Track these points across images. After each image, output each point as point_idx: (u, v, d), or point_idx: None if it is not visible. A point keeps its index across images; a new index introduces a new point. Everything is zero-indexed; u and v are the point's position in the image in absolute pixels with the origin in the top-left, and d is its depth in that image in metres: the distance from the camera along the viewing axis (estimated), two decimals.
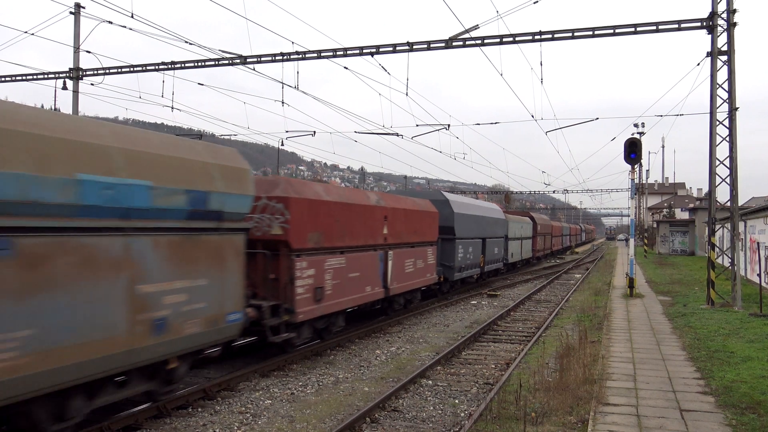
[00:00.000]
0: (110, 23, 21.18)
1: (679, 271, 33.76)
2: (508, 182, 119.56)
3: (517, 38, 18.04)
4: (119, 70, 22.98)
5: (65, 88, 23.67)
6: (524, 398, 8.70)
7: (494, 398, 8.97)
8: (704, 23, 16.88)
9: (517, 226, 35.30)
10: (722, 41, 16.87)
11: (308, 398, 9.58)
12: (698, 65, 17.89)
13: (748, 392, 8.45)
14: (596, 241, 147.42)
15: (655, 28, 17.22)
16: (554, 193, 72.23)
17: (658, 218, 67.13)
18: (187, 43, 19.13)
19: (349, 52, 19.48)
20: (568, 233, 71.79)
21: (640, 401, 8.19)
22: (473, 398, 9.67)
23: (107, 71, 23.22)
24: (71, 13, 23.26)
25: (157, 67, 22.17)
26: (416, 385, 10.39)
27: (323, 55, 19.81)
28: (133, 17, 17.76)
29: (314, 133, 30.39)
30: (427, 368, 11.22)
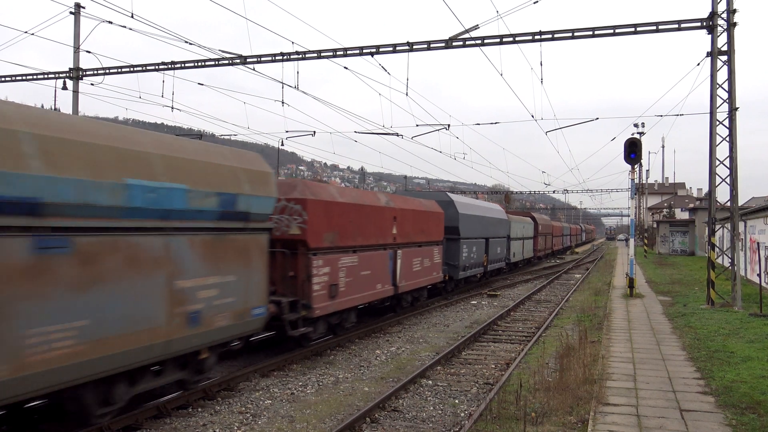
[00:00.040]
0: (110, 23, 21.21)
1: (679, 271, 33.76)
2: (508, 182, 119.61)
3: (517, 38, 18.04)
4: (119, 70, 22.99)
5: (65, 88, 23.68)
6: (524, 398, 8.70)
7: (494, 398, 8.98)
8: (704, 23, 16.88)
9: (519, 226, 35.58)
10: (722, 41, 16.88)
11: (308, 398, 9.59)
12: (698, 65, 17.92)
13: (748, 392, 8.46)
14: (596, 241, 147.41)
15: (655, 28, 17.22)
16: (554, 193, 72.22)
17: (658, 218, 67.14)
18: (187, 43, 19.15)
19: (349, 52, 19.49)
20: (568, 233, 71.90)
21: (640, 401, 8.20)
22: (473, 398, 9.67)
23: (107, 71, 23.23)
24: (71, 13, 23.27)
25: (157, 67, 22.18)
26: (416, 385, 10.39)
27: (323, 55, 19.82)
28: (133, 17, 17.77)
29: (314, 133, 30.40)
30: (427, 368, 11.22)
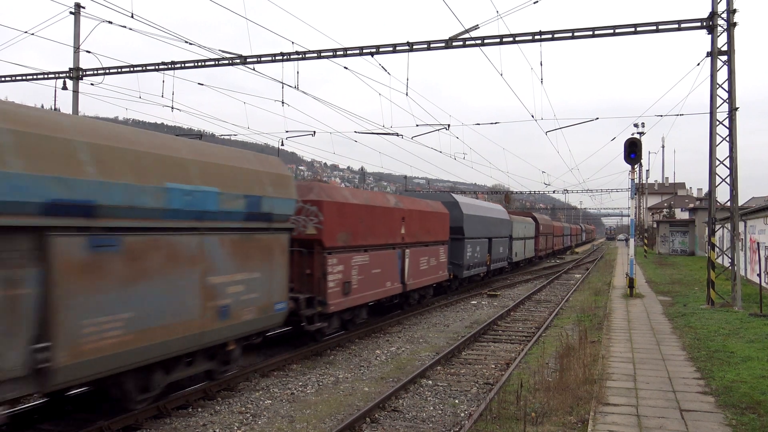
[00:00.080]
0: (110, 23, 21.21)
1: (679, 271, 33.76)
2: (508, 182, 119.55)
3: (517, 38, 18.04)
4: (119, 70, 22.99)
5: (65, 88, 23.69)
6: (524, 398, 8.70)
7: (494, 398, 8.98)
8: (704, 23, 16.88)
9: (520, 226, 36.06)
10: (722, 41, 16.88)
11: (308, 398, 9.59)
12: (698, 65, 17.91)
13: (748, 392, 8.46)
14: (596, 241, 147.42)
15: (655, 28, 17.22)
16: (554, 193, 72.18)
17: (658, 218, 67.14)
18: (187, 43, 19.15)
19: (349, 52, 19.49)
20: (569, 233, 72.09)
21: (640, 401, 8.20)
22: (473, 398, 9.67)
23: (107, 71, 23.23)
24: (71, 13, 23.27)
25: (157, 67, 22.18)
26: (416, 385, 10.39)
27: (323, 55, 19.82)
28: (133, 17, 17.77)
29: (314, 133, 30.36)
30: (427, 368, 11.22)
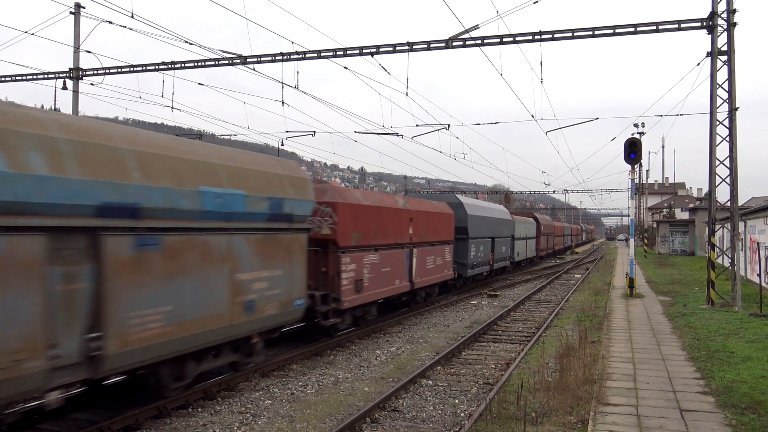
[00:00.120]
0: (110, 23, 21.20)
1: (679, 271, 33.75)
2: (508, 182, 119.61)
3: (517, 38, 18.04)
4: (119, 70, 22.98)
5: (65, 88, 23.68)
6: (524, 398, 8.69)
7: (494, 398, 8.97)
8: (704, 23, 16.87)
9: (522, 226, 36.61)
10: (722, 41, 16.87)
11: (308, 398, 9.59)
12: (698, 65, 17.90)
13: (748, 392, 8.45)
14: (596, 241, 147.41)
15: (655, 28, 17.21)
16: (554, 193, 72.06)
17: (658, 218, 67.12)
18: (187, 43, 19.15)
19: (349, 52, 19.48)
20: (569, 233, 72.23)
21: (640, 401, 8.19)
22: (473, 398, 9.67)
23: (107, 71, 23.22)
24: (71, 13, 23.27)
25: (157, 67, 22.17)
26: (416, 385, 10.39)
27: (323, 55, 19.81)
28: (133, 17, 17.76)
29: (314, 133, 30.34)
30: (427, 368, 11.22)
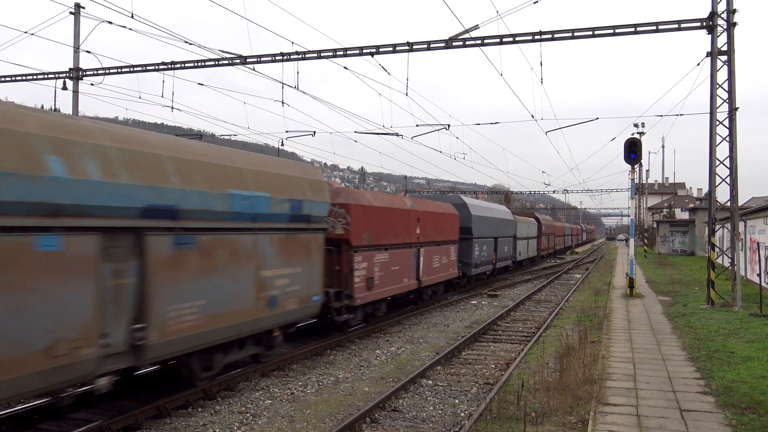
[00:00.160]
0: (110, 23, 21.19)
1: (679, 271, 33.75)
2: (508, 182, 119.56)
3: (517, 38, 18.04)
4: (119, 70, 22.99)
5: (65, 88, 23.68)
6: (524, 398, 8.69)
7: (494, 398, 8.97)
8: (704, 23, 16.87)
9: (524, 226, 37.31)
10: (722, 41, 16.88)
11: (308, 398, 9.59)
12: (698, 65, 17.91)
13: (748, 392, 8.45)
14: (596, 241, 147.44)
15: (655, 28, 17.22)
16: (554, 193, 72.10)
17: (658, 218, 67.12)
18: (187, 43, 19.15)
19: (349, 52, 19.48)
20: (569, 233, 72.43)
21: (640, 401, 8.19)
22: (473, 398, 9.67)
23: (107, 71, 23.22)
24: (71, 13, 23.27)
25: (157, 67, 22.17)
26: (416, 385, 10.39)
27: (323, 55, 19.82)
28: (133, 17, 17.76)
29: (314, 133, 30.36)
30: (427, 368, 11.22)
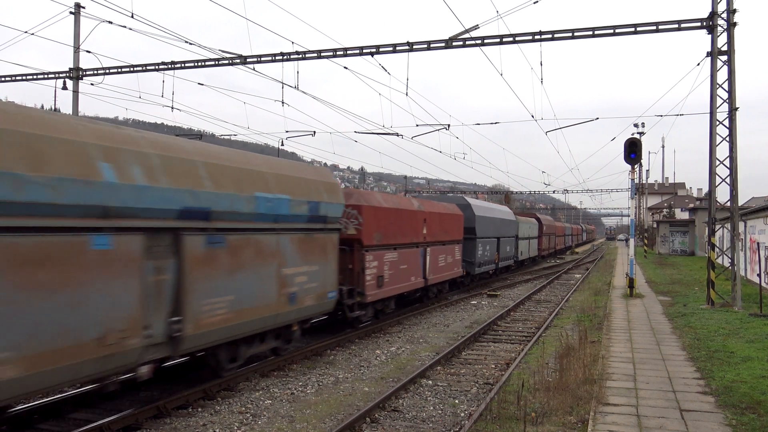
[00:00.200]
0: (110, 23, 21.19)
1: (679, 271, 33.74)
2: (508, 182, 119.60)
3: (517, 38, 18.03)
4: (119, 70, 22.98)
5: (65, 88, 23.67)
6: (524, 398, 8.68)
7: (494, 398, 8.97)
8: (704, 23, 16.87)
9: (525, 226, 37.87)
10: (722, 41, 16.88)
11: (308, 398, 9.59)
12: (698, 65, 17.90)
13: (748, 392, 8.45)
14: (596, 241, 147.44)
15: (655, 28, 17.21)
16: (554, 193, 72.09)
17: (658, 218, 67.11)
18: (187, 43, 19.14)
19: (349, 52, 19.48)
20: (570, 233, 72.58)
21: (640, 401, 8.19)
22: (473, 398, 9.67)
23: (107, 71, 23.22)
24: (71, 13, 23.26)
25: (157, 67, 22.17)
26: (416, 385, 10.39)
27: (323, 55, 19.81)
28: (133, 17, 17.76)
29: (314, 133, 30.36)
30: (427, 368, 11.22)
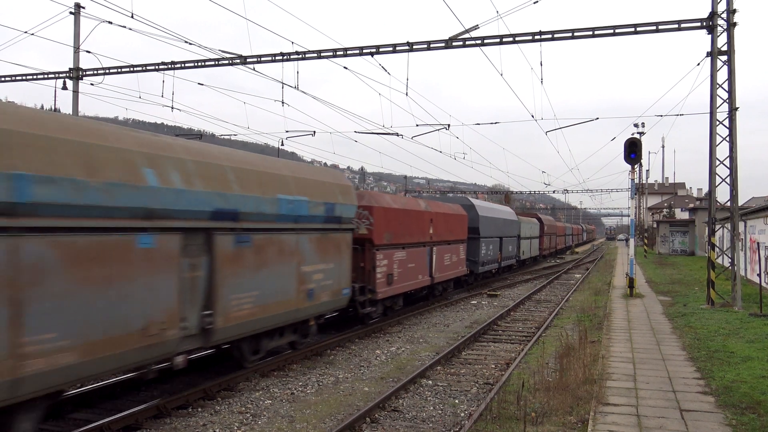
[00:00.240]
0: (110, 23, 21.19)
1: (679, 271, 33.74)
2: (508, 182, 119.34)
3: (517, 38, 18.03)
4: (119, 70, 22.98)
5: (65, 88, 23.67)
6: (524, 398, 8.68)
7: (494, 398, 8.97)
8: (704, 23, 16.87)
9: (527, 226, 38.29)
10: (722, 41, 16.87)
11: (308, 398, 9.59)
12: (698, 65, 17.90)
13: (748, 392, 8.45)
14: (596, 241, 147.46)
15: (655, 28, 17.21)
16: (554, 193, 72.09)
17: (658, 218, 67.11)
18: (187, 43, 19.14)
19: (349, 52, 19.48)
20: (570, 233, 72.78)
21: (640, 401, 8.19)
22: (473, 398, 9.67)
23: (107, 71, 23.22)
24: (71, 13, 23.26)
25: (157, 67, 22.17)
26: (416, 385, 10.39)
27: (323, 55, 19.81)
28: (133, 17, 17.77)
29: (314, 133, 30.39)
30: (427, 368, 11.22)
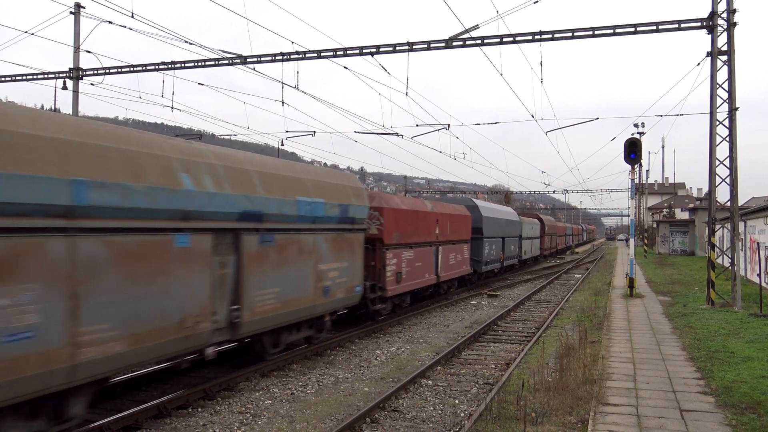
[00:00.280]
0: (110, 23, 21.18)
1: (679, 271, 33.74)
2: (508, 182, 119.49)
3: (517, 38, 18.03)
4: (119, 70, 22.97)
5: (65, 88, 23.67)
6: (524, 398, 8.69)
7: (494, 398, 8.97)
8: (704, 23, 16.87)
9: (528, 226, 38.76)
10: (722, 41, 16.87)
11: (308, 398, 9.59)
12: (698, 65, 17.90)
13: (748, 392, 8.45)
14: (596, 241, 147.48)
15: (655, 28, 17.21)
16: (554, 193, 72.13)
17: (658, 218, 67.12)
18: (187, 43, 19.14)
19: (349, 52, 19.47)
20: (571, 233, 73.02)
21: (640, 401, 8.19)
22: (473, 398, 9.67)
23: (107, 71, 23.21)
24: (71, 13, 23.26)
25: (157, 67, 22.16)
26: (416, 385, 10.39)
27: (323, 55, 19.81)
28: (133, 17, 17.76)
29: (314, 133, 30.36)
30: (427, 368, 11.22)
